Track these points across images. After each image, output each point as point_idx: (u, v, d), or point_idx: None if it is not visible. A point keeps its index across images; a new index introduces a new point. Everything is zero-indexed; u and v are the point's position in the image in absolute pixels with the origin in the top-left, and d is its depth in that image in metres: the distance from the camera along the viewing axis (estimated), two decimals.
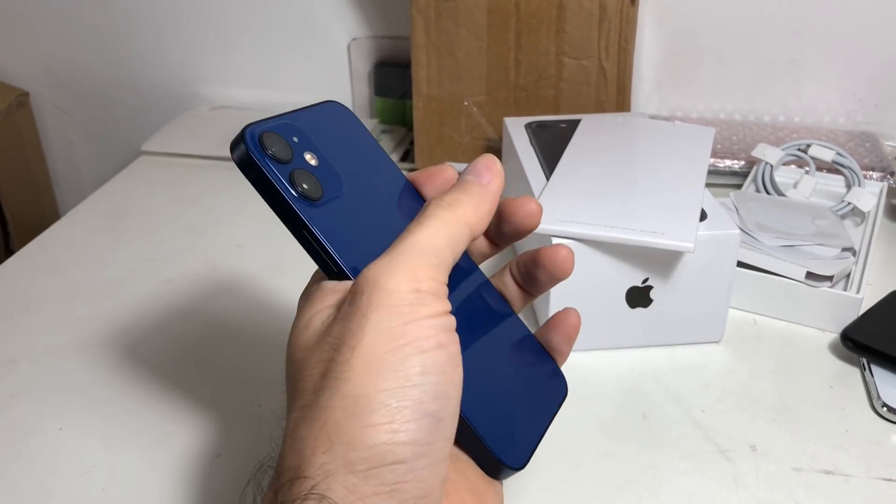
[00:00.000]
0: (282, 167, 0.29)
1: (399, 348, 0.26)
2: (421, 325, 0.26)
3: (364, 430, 0.25)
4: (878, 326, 0.51)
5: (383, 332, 0.26)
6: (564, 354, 0.36)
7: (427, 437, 0.26)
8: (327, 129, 0.33)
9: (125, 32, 0.94)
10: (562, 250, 0.35)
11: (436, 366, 0.26)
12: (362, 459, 0.25)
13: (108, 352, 0.53)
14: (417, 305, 0.27)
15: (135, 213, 0.72)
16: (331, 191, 0.31)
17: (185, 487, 0.42)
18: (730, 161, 0.74)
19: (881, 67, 0.78)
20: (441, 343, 0.27)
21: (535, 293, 0.37)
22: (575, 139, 0.61)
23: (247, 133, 0.29)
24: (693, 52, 0.81)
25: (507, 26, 0.72)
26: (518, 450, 0.31)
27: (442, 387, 0.26)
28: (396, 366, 0.26)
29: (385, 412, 0.25)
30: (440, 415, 0.26)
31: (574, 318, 0.36)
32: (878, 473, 0.43)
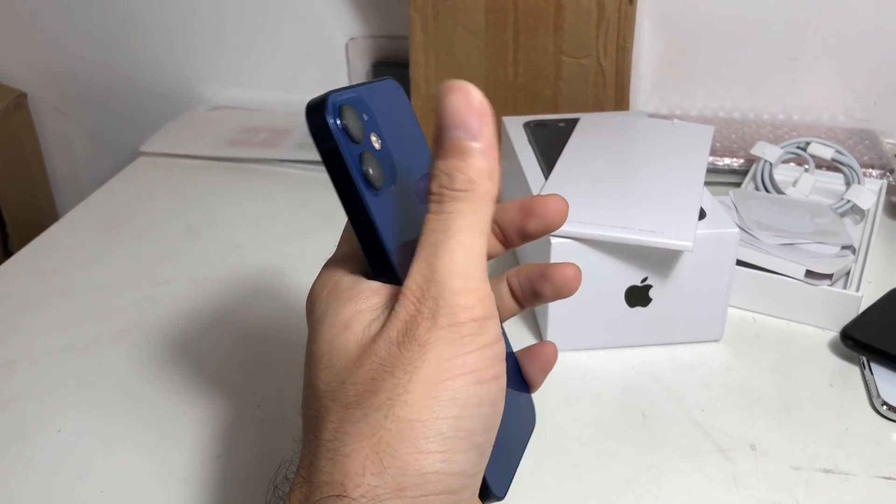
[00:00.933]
0: (354, 147, 0.27)
1: (459, 377, 0.26)
2: (480, 356, 0.26)
3: (418, 456, 0.25)
4: (877, 325, 0.51)
5: (444, 361, 0.26)
6: (536, 386, 0.36)
7: (474, 468, 0.26)
8: (386, 108, 0.31)
9: (123, 33, 0.94)
10: (571, 269, 0.35)
11: (490, 398, 0.26)
12: (414, 486, 0.25)
13: (106, 353, 0.53)
14: (476, 335, 0.26)
15: (133, 214, 0.72)
16: (389, 179, 0.29)
17: (185, 489, 0.42)
18: (729, 159, 0.74)
19: (880, 65, 0.78)
20: (497, 374, 0.27)
21: (528, 306, 0.37)
22: (573, 138, 0.61)
23: (329, 101, 0.27)
24: (692, 50, 0.81)
25: (505, 25, 0.72)
26: (502, 478, 0.31)
27: (492, 419, 0.27)
28: (456, 395, 0.25)
29: (441, 441, 0.25)
30: (484, 447, 0.27)
31: (551, 352, 0.36)
32: (877, 472, 0.43)
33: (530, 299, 0.36)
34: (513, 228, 0.35)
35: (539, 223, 0.34)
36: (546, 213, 0.34)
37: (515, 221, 0.35)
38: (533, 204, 0.34)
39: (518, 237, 0.35)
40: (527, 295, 0.36)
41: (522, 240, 0.35)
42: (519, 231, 0.35)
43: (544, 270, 0.35)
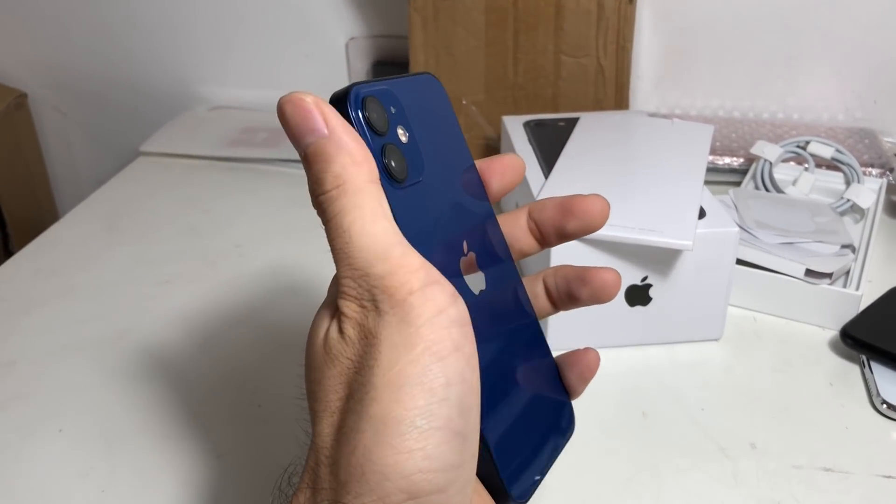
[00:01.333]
0: (377, 138, 0.27)
1: (418, 356, 0.24)
2: (434, 326, 0.25)
3: (397, 457, 0.23)
4: (877, 323, 0.51)
5: (397, 345, 0.24)
6: (577, 393, 0.34)
7: (458, 458, 0.24)
8: (419, 102, 0.31)
9: (123, 33, 0.94)
10: (611, 274, 0.33)
11: (457, 374, 0.24)
12: (398, 490, 0.23)
13: (107, 353, 0.53)
14: (422, 306, 0.25)
15: (133, 214, 0.72)
16: (414, 174, 0.28)
17: (185, 488, 0.42)
18: (729, 158, 0.74)
19: (880, 64, 0.78)
20: (457, 345, 0.25)
21: (563, 309, 0.35)
22: (573, 137, 0.61)
23: (351, 93, 0.27)
24: (691, 49, 0.81)
25: (505, 25, 0.72)
26: (524, 482, 0.29)
27: (465, 398, 0.25)
28: (420, 378, 0.24)
29: (417, 436, 0.23)
30: (465, 431, 0.25)
31: (593, 359, 0.34)
32: (877, 471, 0.43)
33: (566, 301, 0.35)
34: (551, 227, 0.34)
35: (579, 224, 0.33)
36: (587, 213, 0.33)
37: (554, 220, 0.34)
38: (573, 203, 0.33)
39: (556, 237, 0.34)
40: (563, 296, 0.35)
41: (560, 239, 0.35)
42: (557, 230, 0.34)
43: (583, 273, 0.34)
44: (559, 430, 0.33)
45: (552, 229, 0.34)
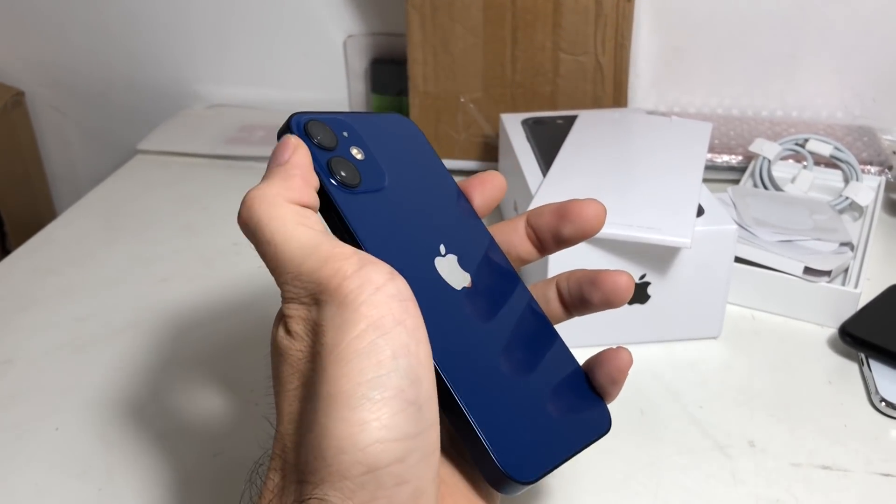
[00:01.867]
0: (322, 152, 0.30)
1: (363, 334, 0.25)
2: (373, 303, 0.25)
3: (351, 429, 0.24)
4: (876, 321, 0.51)
5: (341, 326, 0.25)
6: (610, 396, 0.34)
7: (415, 427, 0.24)
8: (385, 135, 0.34)
9: (121, 31, 0.94)
10: (623, 277, 0.33)
11: (402, 346, 0.25)
12: (356, 463, 0.24)
13: (104, 351, 0.53)
14: (359, 288, 0.25)
15: (131, 212, 0.72)
16: (371, 183, 0.31)
17: (183, 487, 0.42)
18: (727, 156, 0.74)
19: (879, 62, 0.78)
20: (398, 318, 0.25)
21: (576, 314, 0.35)
22: (572, 135, 0.61)
23: (293, 119, 0.31)
24: (690, 47, 0.81)
25: (503, 22, 0.72)
26: (526, 463, 0.29)
27: (413, 369, 0.25)
28: (367, 352, 0.24)
29: (370, 406, 0.24)
30: (420, 401, 0.25)
31: (624, 360, 0.33)
32: (876, 468, 0.43)
33: (578, 306, 0.35)
34: (548, 233, 0.34)
35: (574, 228, 0.34)
36: (581, 217, 0.33)
37: (551, 226, 0.34)
38: (568, 208, 0.34)
39: (553, 242, 0.35)
40: (575, 301, 0.35)
41: (558, 245, 0.35)
42: (554, 236, 0.34)
43: (594, 277, 0.34)
44: (585, 423, 0.32)
45: (549, 235, 0.35)
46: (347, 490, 0.24)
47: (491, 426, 0.29)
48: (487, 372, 0.30)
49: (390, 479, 0.24)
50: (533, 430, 0.30)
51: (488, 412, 0.29)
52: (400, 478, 0.24)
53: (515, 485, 0.29)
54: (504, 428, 0.29)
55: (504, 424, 0.29)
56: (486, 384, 0.30)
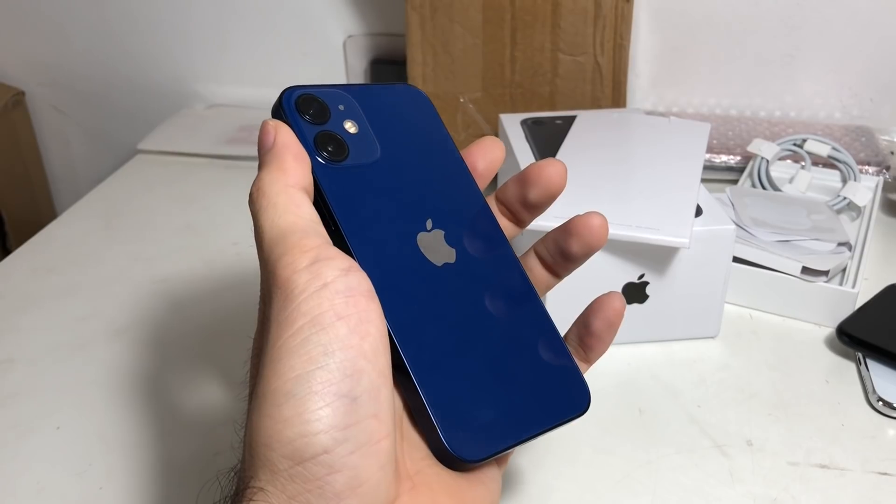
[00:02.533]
0: (311, 126, 0.31)
1: (299, 331, 0.25)
2: (317, 299, 0.25)
3: (276, 426, 0.24)
4: (873, 321, 0.51)
5: (281, 322, 0.25)
6: (604, 342, 0.34)
7: (345, 419, 0.24)
8: (388, 106, 0.33)
9: (121, 31, 0.94)
10: (596, 218, 0.33)
11: (338, 341, 0.25)
12: (282, 458, 0.24)
13: (105, 351, 0.53)
14: (307, 283, 0.25)
15: (131, 212, 0.72)
16: (360, 157, 0.31)
17: (183, 486, 0.42)
18: (725, 156, 0.74)
19: (877, 62, 0.78)
20: (339, 313, 0.25)
21: (562, 273, 0.35)
22: (571, 135, 0.61)
23: (284, 94, 0.31)
24: (688, 47, 0.81)
25: (502, 23, 0.72)
26: (474, 441, 0.29)
27: (351, 362, 0.25)
28: (298, 349, 0.25)
29: (294, 403, 0.24)
30: (355, 392, 0.25)
31: (618, 303, 0.33)
32: (873, 467, 0.43)
33: (562, 263, 0.35)
34: (516, 203, 0.35)
35: (539, 191, 0.34)
36: (542, 178, 0.34)
37: (516, 195, 0.35)
38: (528, 172, 0.34)
39: (524, 211, 0.35)
40: (557, 260, 0.35)
41: (529, 212, 0.35)
42: (522, 204, 0.35)
43: (567, 226, 0.34)
44: (559, 401, 0.32)
45: (518, 205, 0.35)
46: (279, 483, 0.24)
47: (442, 402, 0.28)
48: (451, 348, 0.30)
49: (319, 469, 0.24)
50: (493, 407, 0.30)
51: (442, 388, 0.29)
52: (330, 467, 0.24)
53: (462, 463, 0.28)
54: (457, 404, 0.29)
55: (458, 401, 0.29)
56: (447, 361, 0.30)
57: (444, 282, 0.31)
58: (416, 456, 0.29)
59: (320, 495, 0.24)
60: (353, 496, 0.24)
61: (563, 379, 0.32)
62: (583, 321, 0.34)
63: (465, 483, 0.29)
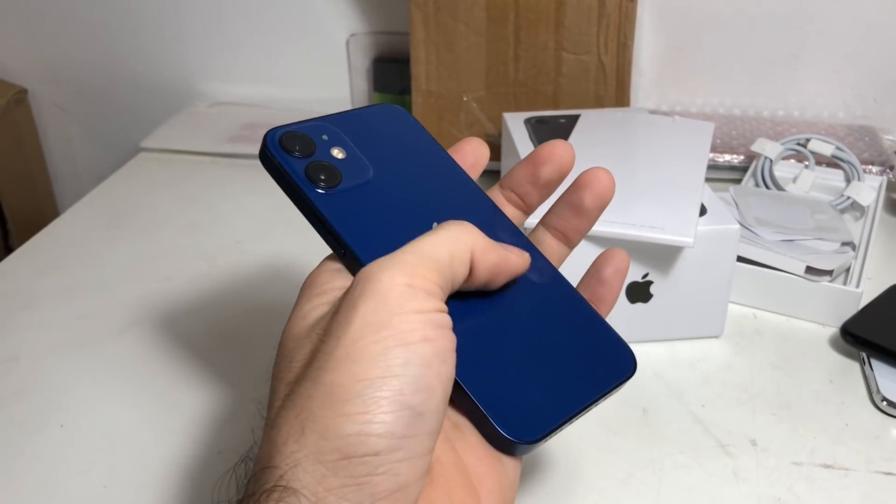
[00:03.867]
0: (299, 161, 0.31)
1: (383, 339, 0.25)
2: (408, 319, 0.26)
3: (338, 419, 0.25)
4: (877, 321, 0.51)
5: (370, 324, 0.26)
6: (614, 290, 0.35)
7: (405, 430, 0.25)
8: (371, 127, 0.34)
9: (124, 29, 0.94)
10: (602, 171, 0.35)
11: (420, 358, 0.26)
12: (333, 449, 0.24)
13: (108, 349, 0.53)
14: (407, 299, 0.26)
15: (134, 210, 0.72)
16: (353, 179, 0.32)
17: (187, 484, 0.42)
18: (729, 156, 0.74)
19: (880, 62, 0.78)
20: (427, 338, 0.26)
21: (575, 237, 0.36)
22: (574, 134, 0.61)
23: (267, 137, 0.32)
24: (692, 46, 0.81)
25: (506, 21, 0.72)
26: (528, 421, 0.29)
27: (426, 380, 0.26)
28: (378, 356, 0.25)
29: (361, 402, 0.25)
30: (421, 408, 0.25)
31: (624, 253, 0.35)
32: (877, 467, 0.43)
33: (575, 224, 0.36)
34: (526, 184, 0.35)
35: (552, 167, 0.35)
36: (553, 155, 0.34)
37: (526, 175, 0.35)
38: (538, 152, 0.35)
39: (535, 192, 0.36)
40: (571, 221, 0.35)
41: (540, 192, 0.36)
42: (533, 184, 0.35)
43: (577, 183, 0.35)
44: (600, 372, 0.32)
45: (529, 185, 0.35)
46: (320, 475, 0.24)
47: (487, 392, 0.29)
48: (486, 339, 0.31)
49: (364, 469, 0.24)
50: (538, 387, 0.30)
51: (485, 378, 0.29)
52: (374, 469, 0.25)
53: (521, 446, 0.29)
54: (502, 390, 0.29)
55: (502, 387, 0.29)
56: (485, 351, 0.30)
57: None
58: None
59: (358, 492, 0.24)
60: (389, 499, 0.25)
61: (604, 346, 0.33)
62: (592, 275, 0.35)
63: (483, 471, 0.29)
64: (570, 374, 0.31)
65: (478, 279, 0.30)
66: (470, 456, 0.29)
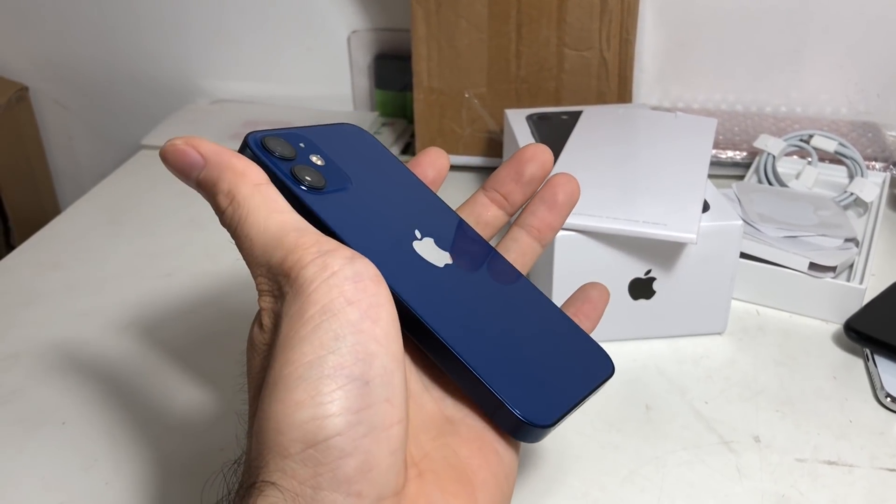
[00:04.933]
0: (283, 163, 0.31)
1: (310, 319, 0.25)
2: (326, 287, 0.26)
3: (289, 410, 0.24)
4: (881, 317, 0.51)
5: (293, 314, 0.26)
6: (562, 216, 0.37)
7: (359, 402, 0.25)
8: (338, 142, 0.35)
9: (124, 26, 0.94)
10: (569, 175, 0.37)
11: (349, 325, 0.25)
12: (294, 441, 0.24)
13: (110, 346, 0.53)
14: (316, 273, 0.26)
15: (135, 208, 0.72)
16: (336, 183, 0.33)
17: (189, 481, 0.42)
18: (732, 152, 0.74)
19: (883, 57, 0.78)
20: (350, 300, 0.25)
21: (552, 234, 0.37)
22: (576, 131, 0.61)
23: (249, 137, 0.32)
24: (694, 42, 0.81)
25: (507, 17, 0.72)
26: (541, 407, 0.30)
27: (363, 346, 0.25)
28: (310, 337, 0.25)
29: (306, 386, 0.24)
30: (367, 376, 0.25)
31: (595, 294, 0.36)
32: (881, 463, 0.43)
33: (548, 218, 0.37)
34: (510, 182, 0.36)
35: (535, 165, 0.36)
36: (536, 156, 0.36)
37: (511, 174, 0.36)
38: (523, 152, 0.36)
39: (518, 190, 0.36)
40: (545, 215, 0.37)
41: (524, 190, 0.36)
42: (517, 182, 0.36)
43: (548, 185, 0.37)
44: (589, 368, 0.34)
45: (512, 186, 0.36)
46: (290, 470, 0.24)
47: (499, 379, 0.30)
48: (486, 333, 0.31)
49: (331, 453, 0.24)
50: (540, 378, 0.31)
51: (494, 367, 0.30)
52: (342, 451, 0.24)
53: (536, 430, 0.29)
54: (512, 379, 0.30)
55: (511, 376, 0.30)
56: (487, 343, 0.31)
57: (453, 279, 0.33)
58: (421, 439, 0.29)
59: (332, 479, 0.24)
60: (363, 481, 0.24)
61: (584, 347, 0.35)
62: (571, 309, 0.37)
63: (475, 463, 0.29)
64: (563, 368, 0.33)
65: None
66: (464, 449, 0.29)
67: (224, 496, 0.29)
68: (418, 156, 0.37)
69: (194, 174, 0.30)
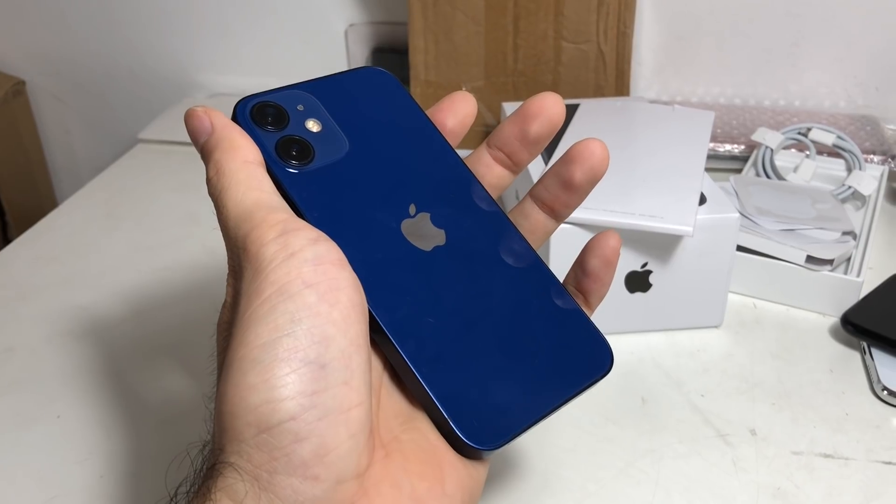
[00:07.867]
0: (270, 134, 0.30)
1: (267, 300, 0.25)
2: (285, 269, 0.25)
3: (243, 393, 0.24)
4: (878, 310, 0.51)
5: (251, 292, 0.25)
6: (603, 282, 0.33)
7: (312, 385, 0.24)
8: (352, 95, 0.33)
9: (122, 20, 0.93)
10: (596, 142, 0.32)
11: (306, 308, 0.25)
12: (247, 425, 0.24)
13: (106, 340, 0.53)
14: (276, 253, 0.25)
15: (132, 202, 0.72)
16: (327, 156, 0.31)
17: (183, 474, 0.42)
18: (730, 145, 0.74)
19: (882, 51, 0.78)
20: (308, 282, 0.25)
21: (564, 211, 0.34)
22: (574, 124, 0.61)
23: (238, 107, 0.31)
24: (692, 35, 0.81)
25: (505, 10, 0.71)
26: (492, 426, 0.28)
27: (319, 329, 0.25)
28: (265, 318, 0.25)
29: (259, 370, 0.24)
30: (323, 359, 0.24)
31: (613, 241, 0.32)
32: (877, 457, 0.43)
33: (564, 198, 0.33)
34: (515, 141, 0.33)
35: (542, 122, 0.32)
36: (543, 110, 0.32)
37: (514, 133, 0.33)
38: (527, 107, 0.33)
39: (524, 150, 0.33)
40: (559, 195, 0.33)
41: (530, 151, 0.34)
42: (522, 141, 0.33)
43: (568, 155, 0.32)
44: (574, 369, 0.30)
45: (517, 143, 0.33)
46: (245, 454, 0.24)
47: (449, 391, 0.28)
48: (452, 334, 0.29)
49: (285, 437, 0.24)
50: (506, 387, 0.29)
51: (448, 377, 0.28)
52: (296, 435, 0.24)
53: (479, 451, 0.28)
54: (466, 391, 0.28)
55: (467, 387, 0.28)
56: (449, 348, 0.29)
57: (437, 266, 0.30)
58: (392, 424, 0.28)
59: (287, 463, 0.24)
60: (319, 464, 0.24)
61: (580, 340, 0.31)
62: (579, 265, 0.33)
63: (442, 451, 0.28)
64: (540, 371, 0.30)
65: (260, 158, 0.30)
66: (433, 433, 0.28)
67: (188, 476, 0.29)
68: (442, 100, 0.34)
69: (201, 140, 0.30)
